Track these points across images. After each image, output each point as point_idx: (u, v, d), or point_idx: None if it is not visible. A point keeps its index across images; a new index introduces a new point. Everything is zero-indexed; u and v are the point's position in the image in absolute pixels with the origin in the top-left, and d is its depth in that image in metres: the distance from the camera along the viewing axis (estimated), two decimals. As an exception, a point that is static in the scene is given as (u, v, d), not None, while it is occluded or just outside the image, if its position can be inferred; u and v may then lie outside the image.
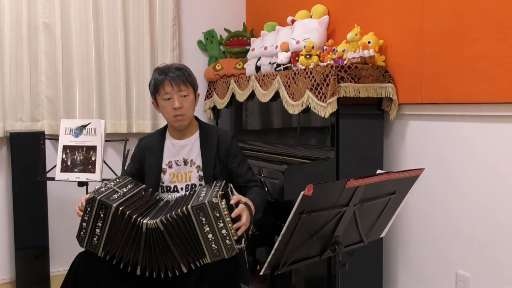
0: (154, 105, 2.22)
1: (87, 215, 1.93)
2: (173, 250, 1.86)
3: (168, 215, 1.86)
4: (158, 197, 2.11)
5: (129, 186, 2.05)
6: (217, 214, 1.82)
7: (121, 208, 1.89)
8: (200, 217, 1.83)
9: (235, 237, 1.84)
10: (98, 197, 1.90)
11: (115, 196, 1.94)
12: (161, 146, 2.22)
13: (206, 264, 1.86)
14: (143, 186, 2.12)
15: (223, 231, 1.82)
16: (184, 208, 1.84)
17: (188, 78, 2.13)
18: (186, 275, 1.89)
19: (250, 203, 1.97)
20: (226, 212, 1.84)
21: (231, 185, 2.04)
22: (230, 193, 1.95)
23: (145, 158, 2.24)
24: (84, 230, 1.94)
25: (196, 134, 2.22)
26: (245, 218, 1.89)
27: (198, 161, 2.17)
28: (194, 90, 2.17)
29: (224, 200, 1.87)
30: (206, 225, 1.83)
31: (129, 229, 1.89)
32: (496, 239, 2.23)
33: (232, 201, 1.91)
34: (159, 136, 2.26)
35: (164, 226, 1.85)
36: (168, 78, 2.09)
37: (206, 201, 1.82)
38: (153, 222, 1.86)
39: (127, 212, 1.89)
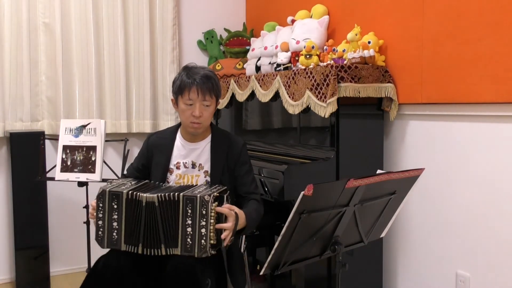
0: (172, 102, 2.17)
1: (101, 212, 1.92)
2: (160, 230, 1.88)
3: (163, 194, 1.88)
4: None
5: (134, 182, 2.06)
6: (203, 212, 1.83)
7: (134, 192, 1.89)
8: (187, 208, 1.84)
9: (212, 241, 1.84)
10: (108, 189, 1.91)
11: (124, 187, 1.95)
12: (171, 145, 2.19)
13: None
14: (146, 181, 2.12)
15: (203, 230, 1.83)
16: (176, 193, 1.86)
17: (214, 88, 2.08)
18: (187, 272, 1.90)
19: (241, 215, 1.95)
20: (212, 214, 1.84)
21: (228, 192, 2.02)
22: (226, 200, 1.93)
23: (153, 155, 2.21)
24: (101, 229, 1.93)
25: (208, 139, 2.19)
26: (230, 224, 1.87)
27: (207, 166, 2.15)
28: (217, 99, 2.14)
29: (216, 202, 1.86)
30: (189, 218, 1.84)
31: (141, 211, 1.90)
32: (496, 239, 2.24)
33: (223, 207, 1.89)
34: (170, 135, 2.23)
35: (158, 203, 1.87)
36: (196, 85, 2.04)
37: (198, 195, 1.84)
38: (151, 196, 1.88)
39: (139, 194, 1.90)
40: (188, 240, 1.84)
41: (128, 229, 1.91)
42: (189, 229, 1.84)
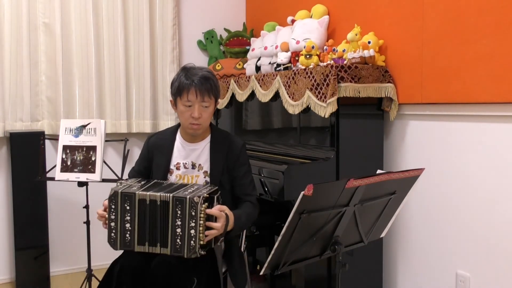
0: (171, 104, 2.17)
1: (113, 214, 1.92)
2: (157, 229, 1.89)
3: (164, 193, 1.89)
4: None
5: (143, 182, 2.06)
6: (193, 213, 1.83)
7: (146, 193, 1.90)
8: (176, 209, 1.85)
9: (202, 242, 1.84)
10: (120, 190, 1.91)
11: (135, 188, 1.95)
12: (171, 146, 2.19)
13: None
14: (155, 180, 2.12)
15: (192, 231, 1.84)
16: (167, 194, 1.87)
17: (213, 89, 2.07)
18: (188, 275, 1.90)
19: (231, 216, 1.95)
20: (202, 215, 1.84)
21: (220, 192, 2.01)
22: (216, 201, 1.94)
23: (153, 156, 2.21)
24: (114, 231, 1.92)
25: (207, 139, 2.18)
26: (220, 224, 1.88)
27: (206, 167, 2.15)
28: (216, 100, 2.13)
29: (206, 203, 1.86)
30: (179, 219, 1.85)
31: (146, 209, 1.91)
32: (496, 239, 2.24)
33: (214, 208, 1.89)
34: (170, 135, 2.22)
35: (160, 202, 1.88)
36: (194, 86, 2.03)
37: (188, 196, 1.84)
38: (154, 195, 1.89)
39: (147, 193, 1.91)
40: (178, 240, 1.85)
41: (140, 230, 1.91)
42: (178, 230, 1.85)
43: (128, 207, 1.90)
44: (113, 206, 1.91)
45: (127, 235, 1.91)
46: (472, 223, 2.34)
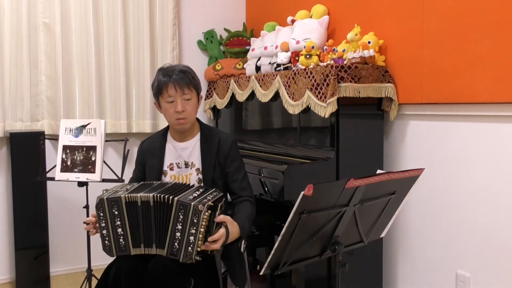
0: (156, 106, 2.19)
1: (103, 221, 1.91)
2: (153, 229, 1.88)
3: (157, 194, 1.88)
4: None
5: (129, 186, 2.05)
6: (195, 220, 1.82)
7: (131, 195, 1.89)
8: (179, 213, 1.84)
9: (199, 249, 1.84)
10: (105, 197, 1.90)
11: (120, 192, 1.95)
12: (163, 148, 2.20)
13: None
14: (142, 182, 2.11)
15: (191, 238, 1.83)
16: (171, 197, 1.86)
17: (192, 81, 2.10)
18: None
19: (235, 229, 1.94)
20: (204, 223, 1.82)
21: (224, 200, 1.99)
22: (219, 209, 1.92)
23: (146, 160, 2.22)
24: (107, 238, 1.92)
25: (197, 137, 2.20)
26: (218, 245, 1.87)
27: (198, 164, 2.16)
28: (198, 93, 2.15)
29: (209, 211, 1.85)
30: (180, 224, 1.84)
31: (138, 211, 1.91)
32: (497, 239, 2.24)
33: (217, 219, 1.88)
34: (161, 137, 2.24)
35: (153, 203, 1.88)
36: (172, 81, 2.06)
37: (192, 203, 1.82)
38: (146, 196, 1.88)
39: (136, 195, 1.90)
40: (176, 244, 1.85)
41: (133, 232, 1.91)
42: (178, 234, 1.84)
43: (116, 212, 1.90)
44: (101, 214, 1.90)
45: (121, 240, 1.91)
46: (472, 223, 2.34)
